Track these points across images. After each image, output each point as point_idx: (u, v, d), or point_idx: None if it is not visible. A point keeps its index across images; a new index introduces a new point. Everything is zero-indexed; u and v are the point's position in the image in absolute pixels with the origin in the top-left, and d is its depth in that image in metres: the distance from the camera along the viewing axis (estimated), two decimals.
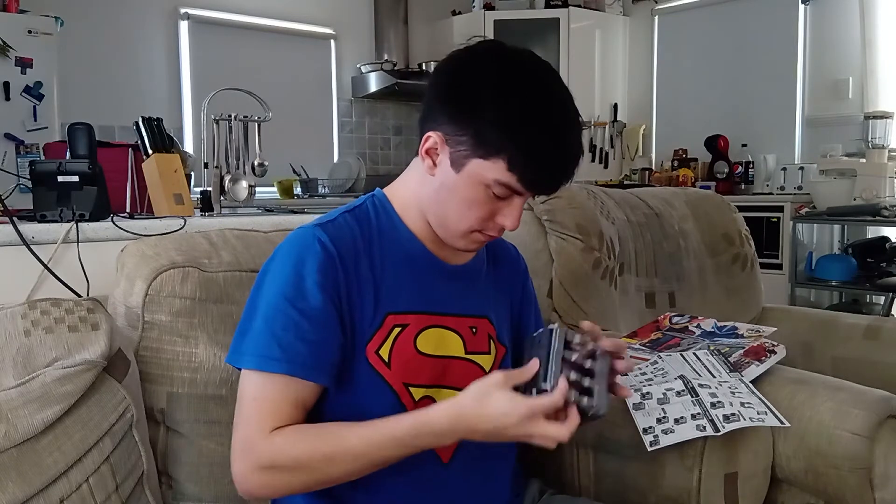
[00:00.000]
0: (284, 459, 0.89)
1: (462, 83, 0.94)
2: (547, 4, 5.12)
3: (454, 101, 0.94)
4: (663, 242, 1.98)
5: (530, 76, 0.93)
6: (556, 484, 1.24)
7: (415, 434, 0.89)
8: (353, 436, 0.90)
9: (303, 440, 0.90)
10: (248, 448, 0.91)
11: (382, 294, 0.98)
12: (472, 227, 0.97)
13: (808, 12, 4.43)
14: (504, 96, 0.90)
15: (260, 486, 0.91)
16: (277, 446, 0.89)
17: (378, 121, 5.36)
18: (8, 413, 0.92)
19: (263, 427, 0.90)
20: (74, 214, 1.50)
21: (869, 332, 1.85)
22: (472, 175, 0.93)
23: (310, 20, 4.97)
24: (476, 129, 0.91)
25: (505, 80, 0.91)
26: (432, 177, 0.97)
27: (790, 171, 4.25)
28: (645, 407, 1.13)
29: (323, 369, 0.93)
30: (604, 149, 5.30)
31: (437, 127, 0.95)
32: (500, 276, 1.15)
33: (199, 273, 1.15)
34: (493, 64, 0.93)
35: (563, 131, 0.92)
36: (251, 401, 0.92)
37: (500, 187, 0.93)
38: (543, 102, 0.92)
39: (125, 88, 4.24)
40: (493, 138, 0.90)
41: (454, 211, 0.96)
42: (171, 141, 1.89)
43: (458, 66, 0.96)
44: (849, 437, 1.16)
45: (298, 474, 0.90)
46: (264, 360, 0.91)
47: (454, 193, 0.95)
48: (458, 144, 0.93)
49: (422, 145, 0.97)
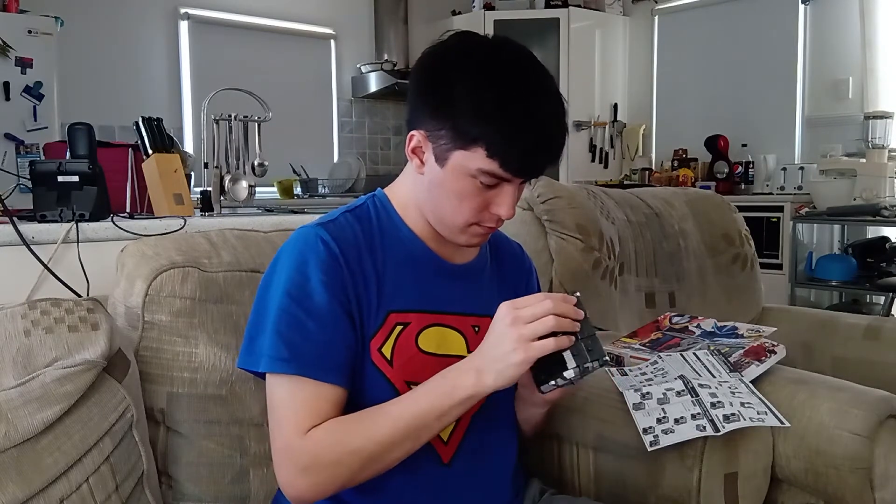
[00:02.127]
0: (325, 452, 0.90)
1: (436, 78, 0.95)
2: (547, 4, 5.12)
3: (430, 96, 0.95)
4: (663, 242, 1.98)
5: (502, 62, 0.93)
6: (556, 484, 1.24)
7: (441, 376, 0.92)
8: (387, 404, 0.92)
9: (340, 427, 0.91)
10: (286, 453, 0.91)
11: (385, 292, 0.98)
12: (468, 219, 0.97)
13: (808, 12, 4.43)
14: (475, 84, 0.91)
15: (308, 488, 0.91)
16: (316, 441, 0.90)
17: (378, 121, 5.36)
18: (8, 413, 0.92)
19: (299, 429, 0.90)
20: (74, 214, 1.50)
21: (869, 332, 1.85)
22: (456, 167, 0.94)
23: (310, 20, 4.97)
24: (452, 121, 0.92)
25: (476, 68, 0.92)
26: (422, 175, 0.98)
27: (790, 171, 4.25)
28: (645, 407, 1.13)
29: (332, 369, 0.93)
30: (604, 149, 5.29)
31: (419, 125, 0.96)
32: (504, 275, 1.15)
33: (199, 273, 1.15)
34: (463, 54, 0.94)
35: (538, 112, 0.92)
36: (282, 408, 0.92)
37: (485, 176, 0.93)
38: (516, 85, 0.91)
39: (125, 88, 4.24)
40: (468, 127, 0.91)
41: (447, 206, 0.97)
42: (171, 141, 1.89)
43: (431, 62, 0.97)
44: (849, 437, 1.16)
45: (343, 462, 0.90)
46: (274, 362, 0.92)
47: (443, 188, 0.96)
48: (439, 139, 0.94)
49: (407, 145, 0.99)
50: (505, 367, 0.88)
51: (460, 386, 0.90)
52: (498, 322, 0.91)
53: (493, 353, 0.89)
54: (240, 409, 1.14)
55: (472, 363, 0.91)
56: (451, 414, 0.91)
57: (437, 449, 1.01)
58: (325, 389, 0.92)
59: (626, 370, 1.28)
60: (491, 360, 0.89)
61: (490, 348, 0.90)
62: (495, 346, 0.89)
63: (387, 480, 0.96)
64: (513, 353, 0.88)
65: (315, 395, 0.91)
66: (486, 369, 0.89)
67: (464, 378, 0.90)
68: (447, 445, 1.02)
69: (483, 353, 0.91)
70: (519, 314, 0.89)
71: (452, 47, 0.96)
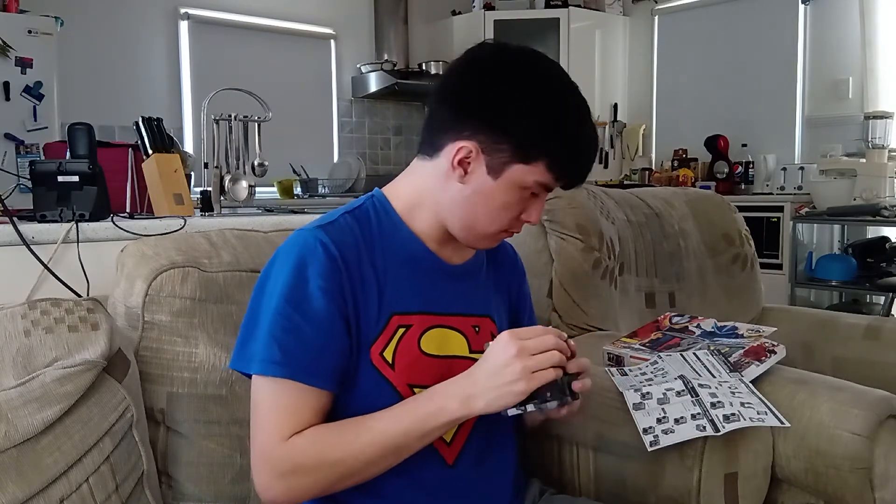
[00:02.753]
0: (305, 460, 0.90)
1: (493, 92, 0.95)
2: (547, 4, 5.12)
3: (488, 110, 0.95)
4: (663, 242, 1.98)
5: (551, 76, 0.97)
6: (556, 484, 1.25)
7: (428, 397, 0.92)
8: (370, 418, 0.93)
9: (322, 437, 0.91)
10: (266, 458, 0.91)
11: (386, 295, 0.98)
12: (502, 227, 1.01)
13: (808, 12, 4.43)
14: (535, 101, 0.94)
15: (284, 493, 0.91)
16: (297, 448, 0.90)
17: (378, 121, 5.36)
18: (8, 413, 0.92)
19: (281, 434, 0.90)
20: (74, 214, 1.50)
21: (869, 332, 1.85)
22: (511, 180, 0.96)
23: (310, 20, 4.97)
24: (516, 136, 0.94)
25: (530, 83, 0.95)
26: (462, 185, 0.98)
27: (790, 171, 4.25)
28: (645, 407, 1.13)
29: (326, 375, 0.93)
30: (604, 149, 5.29)
31: (470, 137, 0.96)
32: (499, 276, 1.15)
33: (199, 273, 1.15)
34: (520, 70, 0.96)
35: (587, 127, 0.98)
36: (265, 410, 0.93)
37: (538, 187, 0.97)
38: (569, 101, 0.96)
39: (125, 88, 4.24)
40: (533, 144, 0.94)
41: (486, 215, 0.99)
42: (171, 141, 1.89)
43: (485, 75, 0.97)
44: (849, 437, 1.16)
45: (322, 472, 0.90)
46: (266, 365, 0.91)
47: (490, 199, 0.97)
48: (497, 152, 0.95)
49: (453, 155, 0.96)
50: (502, 395, 0.90)
51: (447, 409, 0.91)
52: (501, 351, 0.91)
53: (493, 381, 0.90)
54: (240, 409, 1.14)
55: (461, 388, 0.92)
56: (433, 435, 0.93)
57: (440, 451, 1.01)
58: (312, 395, 0.92)
59: (626, 370, 1.28)
60: (487, 387, 0.90)
61: (489, 376, 0.91)
62: (496, 374, 0.90)
63: (389, 482, 0.96)
64: (516, 382, 0.89)
65: (300, 401, 0.91)
66: (478, 395, 0.90)
67: (451, 402, 0.91)
68: (451, 447, 1.02)
69: (476, 378, 0.92)
70: (525, 345, 0.90)
71: (507, 63, 0.97)
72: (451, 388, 0.93)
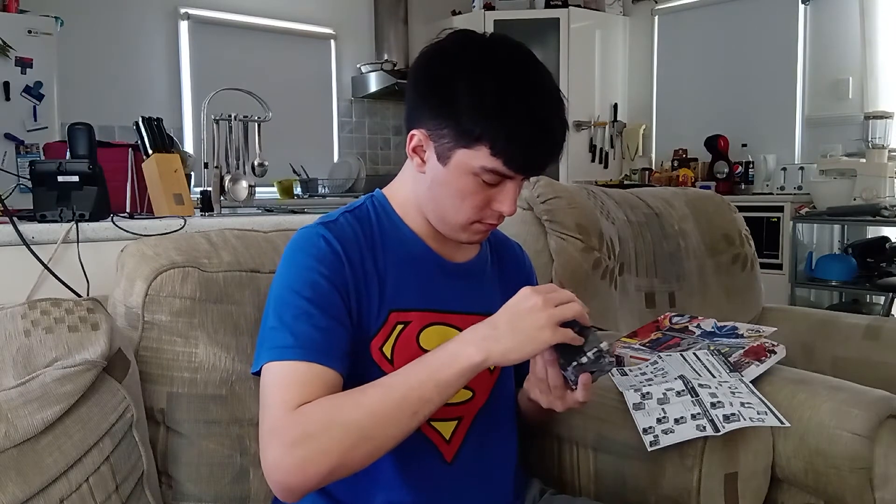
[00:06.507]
0: (314, 426, 0.84)
1: (435, 76, 0.95)
2: (547, 4, 5.12)
3: (431, 95, 0.95)
4: (663, 242, 1.98)
5: (501, 59, 0.93)
6: (556, 484, 1.25)
7: (441, 347, 0.89)
8: (382, 378, 0.89)
9: (331, 400, 0.87)
10: (274, 431, 0.85)
11: (386, 292, 0.98)
12: (470, 217, 0.98)
13: (808, 12, 4.43)
14: (477, 83, 0.91)
15: (296, 468, 0.83)
16: (305, 414, 0.85)
17: (378, 121, 5.36)
18: (8, 413, 0.92)
19: (288, 406, 0.86)
20: (74, 214, 1.50)
21: (869, 332, 1.85)
22: (459, 166, 0.94)
23: (310, 20, 4.97)
24: (455, 119, 0.92)
25: (476, 66, 0.92)
26: (423, 174, 0.98)
27: (790, 171, 4.25)
28: (645, 407, 1.13)
29: (336, 356, 0.91)
30: (604, 149, 5.29)
31: (420, 124, 0.96)
32: (504, 274, 1.15)
33: (199, 273, 1.15)
34: (463, 53, 0.94)
35: (540, 109, 0.92)
36: (274, 389, 0.88)
37: (488, 174, 0.93)
38: (517, 83, 0.92)
39: (125, 88, 4.24)
40: (471, 126, 0.91)
41: (449, 204, 0.97)
42: (171, 141, 1.89)
43: (431, 61, 0.97)
44: (849, 437, 1.16)
45: (334, 436, 0.83)
46: (278, 351, 0.90)
47: (446, 187, 0.96)
48: (441, 138, 0.94)
49: (408, 144, 0.98)
50: (527, 340, 0.86)
51: (462, 354, 0.87)
52: (524, 301, 0.88)
53: (518, 324, 0.87)
54: (240, 409, 1.14)
55: (479, 333, 0.88)
56: (451, 385, 0.87)
57: (439, 447, 1.01)
58: (323, 372, 0.89)
59: (626, 370, 1.28)
60: (511, 331, 0.87)
61: (512, 320, 0.87)
62: (521, 318, 0.87)
63: (387, 479, 0.96)
64: (542, 329, 0.86)
65: (310, 376, 0.88)
66: (497, 339, 0.86)
67: (468, 347, 0.87)
68: (449, 444, 1.02)
69: (497, 324, 0.88)
70: (549, 296, 0.88)
71: (451, 46, 0.96)
72: (468, 334, 0.89)
